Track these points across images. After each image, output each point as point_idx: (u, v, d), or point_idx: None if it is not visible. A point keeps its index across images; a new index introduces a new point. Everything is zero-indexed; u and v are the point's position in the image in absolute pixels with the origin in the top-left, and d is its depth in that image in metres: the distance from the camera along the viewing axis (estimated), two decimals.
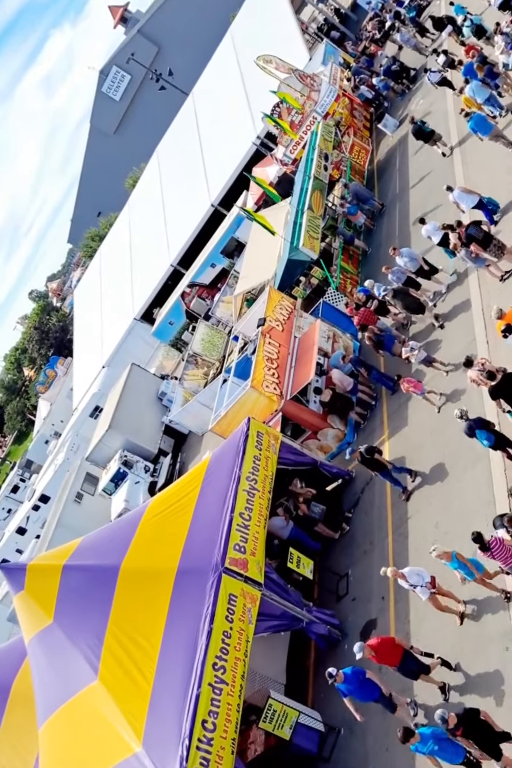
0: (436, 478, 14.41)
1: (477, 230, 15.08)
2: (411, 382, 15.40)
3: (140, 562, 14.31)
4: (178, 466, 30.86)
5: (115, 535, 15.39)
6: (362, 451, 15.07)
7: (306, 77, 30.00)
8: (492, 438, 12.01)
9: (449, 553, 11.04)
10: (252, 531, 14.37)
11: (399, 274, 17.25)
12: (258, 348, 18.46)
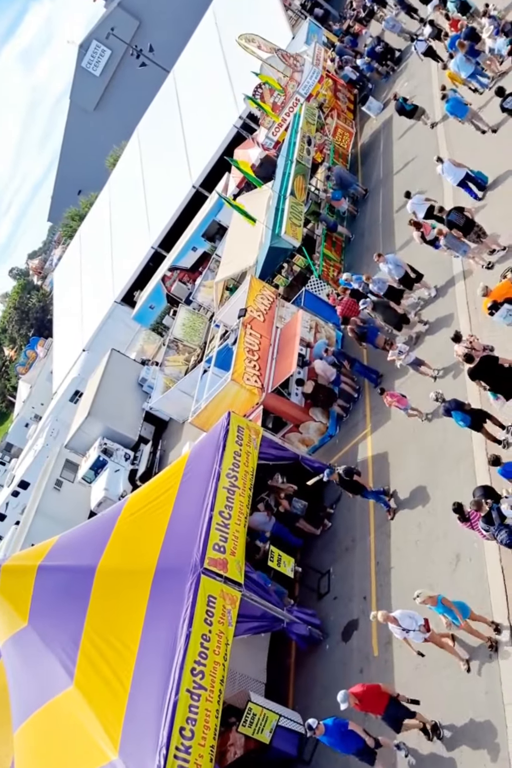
0: (419, 477, 14.18)
1: (459, 216, 15.00)
2: (394, 397, 14.88)
3: (117, 562, 13.98)
4: (159, 454, 30.51)
5: (92, 534, 15.03)
6: (340, 472, 14.59)
7: (289, 57, 29.35)
8: (468, 418, 12.18)
9: (434, 597, 10.43)
10: (232, 530, 14.08)
11: (380, 284, 16.54)
12: (239, 339, 18.07)
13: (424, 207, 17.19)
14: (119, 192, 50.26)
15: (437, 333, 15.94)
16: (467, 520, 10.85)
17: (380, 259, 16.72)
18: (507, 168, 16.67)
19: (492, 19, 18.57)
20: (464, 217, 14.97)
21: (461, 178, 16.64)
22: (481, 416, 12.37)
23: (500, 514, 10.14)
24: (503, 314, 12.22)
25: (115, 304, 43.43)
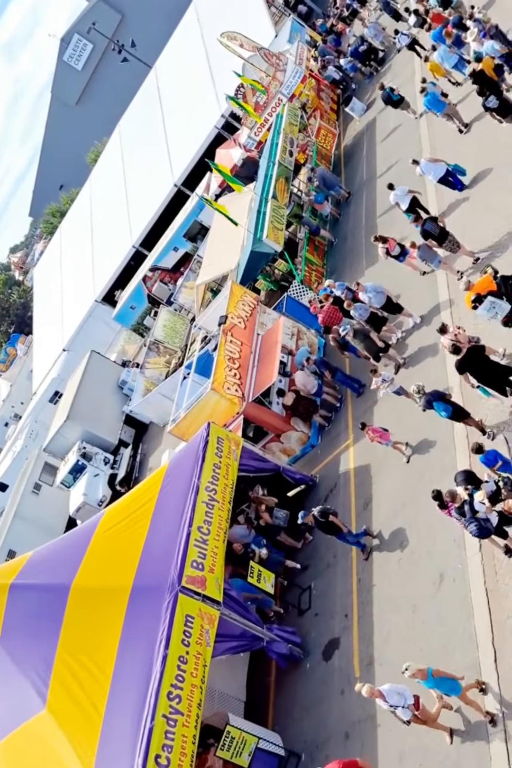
0: (402, 491, 13.90)
1: (434, 226, 15.09)
2: (376, 432, 14.29)
3: (92, 581, 13.57)
4: (139, 458, 30.07)
5: (66, 551, 14.60)
6: (315, 514, 13.84)
7: (272, 56, 28.98)
8: (450, 408, 12.18)
9: (424, 670, 9.75)
10: (210, 546, 13.72)
11: (362, 311, 15.90)
12: (220, 347, 17.70)
13: (407, 198, 17.31)
14: (100, 189, 49.63)
15: (423, 361, 15.41)
16: (445, 507, 10.88)
17: (359, 288, 16.06)
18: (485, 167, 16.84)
19: (477, 22, 18.29)
20: (439, 227, 15.08)
21: (441, 175, 16.79)
22: (462, 411, 12.42)
23: (472, 508, 10.16)
24: (486, 307, 12.22)
25: (95, 304, 42.83)
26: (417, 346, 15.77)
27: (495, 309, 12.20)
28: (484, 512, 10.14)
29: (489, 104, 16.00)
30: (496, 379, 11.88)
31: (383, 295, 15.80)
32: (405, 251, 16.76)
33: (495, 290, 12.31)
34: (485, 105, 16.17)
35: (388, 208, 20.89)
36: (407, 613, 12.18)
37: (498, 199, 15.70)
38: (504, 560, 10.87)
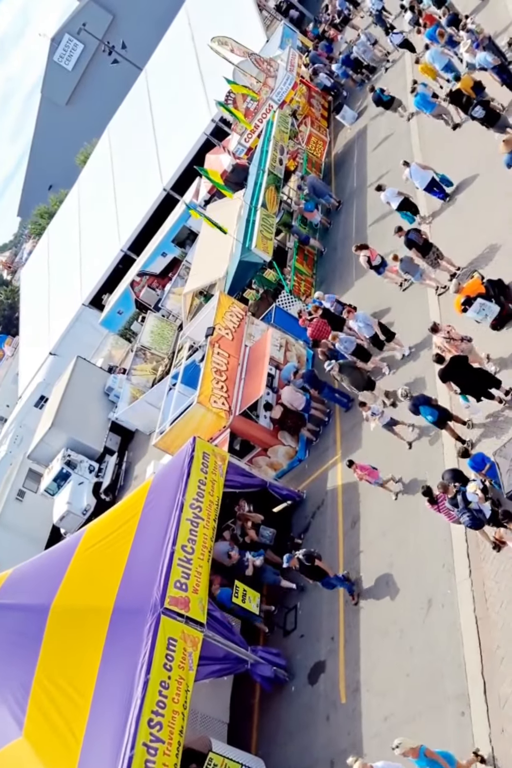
0: (391, 509, 13.61)
1: (418, 236, 15.09)
2: (364, 469, 13.68)
3: (73, 601, 13.24)
4: (125, 466, 29.66)
5: (46, 569, 14.24)
6: (301, 557, 13.25)
7: (263, 62, 28.72)
8: (436, 413, 12.29)
9: (416, 749, 9.13)
10: (194, 565, 13.42)
11: (348, 343, 15.53)
12: (207, 359, 17.38)
13: (398, 199, 17.49)
14: (89, 191, 49.20)
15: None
16: (435, 503, 11.06)
17: (350, 315, 15.69)
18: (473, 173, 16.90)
19: (470, 33, 18.08)
20: (422, 237, 15.08)
21: (427, 183, 16.96)
22: (447, 415, 12.54)
23: (464, 499, 10.28)
24: (476, 309, 12.43)
25: (82, 307, 42.43)
26: (407, 377, 15.05)
27: (485, 311, 12.46)
28: (477, 503, 10.25)
29: (476, 114, 15.93)
30: (477, 388, 12.06)
31: (372, 327, 15.37)
32: (385, 263, 16.85)
33: (484, 293, 12.56)
34: (471, 115, 16.11)
35: (379, 218, 20.74)
36: (394, 637, 11.92)
37: (485, 208, 15.74)
38: (495, 588, 10.64)
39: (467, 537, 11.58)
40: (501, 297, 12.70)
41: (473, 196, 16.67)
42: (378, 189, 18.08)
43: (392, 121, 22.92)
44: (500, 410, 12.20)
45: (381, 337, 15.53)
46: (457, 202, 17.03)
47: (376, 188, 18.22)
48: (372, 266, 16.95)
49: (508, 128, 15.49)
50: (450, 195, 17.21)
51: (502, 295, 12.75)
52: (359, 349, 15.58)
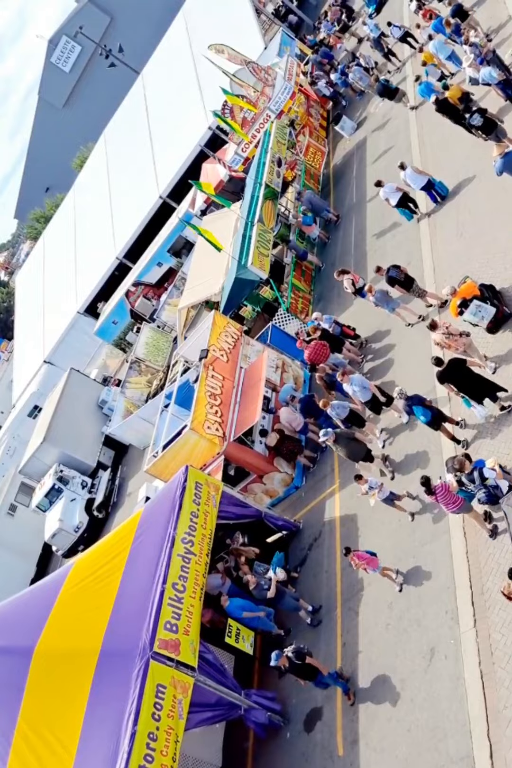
0: (391, 550, 13.01)
1: (398, 272, 15.16)
2: (362, 558, 12.51)
3: (58, 643, 12.64)
4: (118, 482, 29.05)
5: (31, 608, 13.63)
6: (290, 655, 12.04)
7: (260, 70, 28.11)
8: (429, 413, 12.30)
9: None
10: (186, 604, 12.84)
11: (339, 409, 14.43)
12: (200, 382, 16.79)
13: (397, 195, 17.76)
14: (84, 197, 48.53)
15: (412, 463, 13.84)
16: (432, 493, 10.91)
17: (344, 378, 14.33)
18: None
19: (474, 47, 17.54)
20: (403, 273, 15.13)
21: (423, 184, 17.23)
22: (441, 417, 12.56)
23: (481, 475, 10.23)
24: (472, 311, 12.52)
25: (78, 315, 41.82)
26: (409, 445, 14.12)
27: (481, 312, 12.56)
28: (494, 479, 10.17)
29: (474, 122, 15.83)
30: (475, 389, 12.04)
31: (368, 391, 14.20)
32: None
33: (480, 294, 12.72)
34: (469, 123, 16.00)
35: (379, 233, 20.21)
36: (395, 687, 11.34)
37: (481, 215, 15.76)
38: (501, 640, 10.07)
39: (471, 582, 11.04)
40: (494, 300, 12.89)
41: (469, 206, 16.46)
42: (377, 185, 18.34)
43: (392, 134, 22.47)
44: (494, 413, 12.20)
45: (382, 399, 14.22)
46: (454, 206, 16.99)
47: (375, 184, 18.48)
48: (356, 290, 17.01)
49: (504, 139, 15.48)
50: (444, 198, 17.46)
51: (495, 298, 12.95)
52: (353, 415, 14.44)
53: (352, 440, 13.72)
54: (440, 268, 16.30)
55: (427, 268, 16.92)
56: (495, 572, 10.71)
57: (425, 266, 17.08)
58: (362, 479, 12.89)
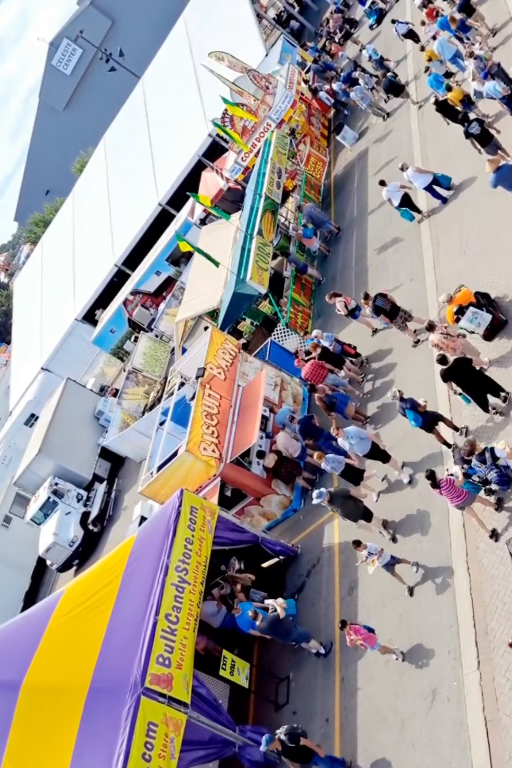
0: (393, 582, 12.55)
1: (384, 302, 15.10)
2: (359, 633, 11.51)
3: (46, 678, 12.21)
4: (114, 494, 28.60)
5: (19, 638, 13.20)
6: (283, 738, 10.96)
7: (261, 78, 27.71)
8: (420, 419, 12.39)
9: None
10: (179, 637, 12.42)
11: (335, 464, 13.62)
12: (197, 402, 16.37)
13: (399, 195, 17.81)
14: (83, 203, 48.15)
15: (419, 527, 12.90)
16: (437, 486, 10.90)
17: (339, 433, 13.42)
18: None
19: (478, 60, 17.14)
20: (389, 302, 15.08)
21: (427, 183, 17.24)
22: (435, 419, 12.63)
23: (493, 455, 10.36)
24: (469, 317, 12.65)
25: (75, 322, 41.43)
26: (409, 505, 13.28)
27: (478, 319, 12.68)
28: (505, 458, 10.32)
29: (472, 130, 15.73)
30: (478, 389, 12.12)
31: (367, 441, 13.28)
32: (359, 308, 16.78)
33: (476, 302, 12.88)
34: (467, 131, 15.86)
35: (380, 248, 19.81)
36: (395, 729, 10.92)
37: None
38: (506, 685, 9.66)
39: (475, 620, 10.62)
40: (490, 307, 13.02)
41: (473, 224, 16.12)
42: (380, 184, 18.41)
43: (394, 146, 22.07)
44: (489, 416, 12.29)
45: (382, 446, 13.37)
46: (457, 222, 16.69)
47: (379, 183, 18.57)
48: (349, 311, 16.91)
49: (500, 150, 15.28)
50: (448, 198, 17.43)
51: (491, 305, 13.10)
52: (349, 471, 13.62)
53: (348, 499, 12.89)
54: (443, 287, 15.84)
55: (430, 285, 16.55)
56: (499, 611, 10.31)
57: (427, 283, 16.72)
58: (361, 545, 12.02)
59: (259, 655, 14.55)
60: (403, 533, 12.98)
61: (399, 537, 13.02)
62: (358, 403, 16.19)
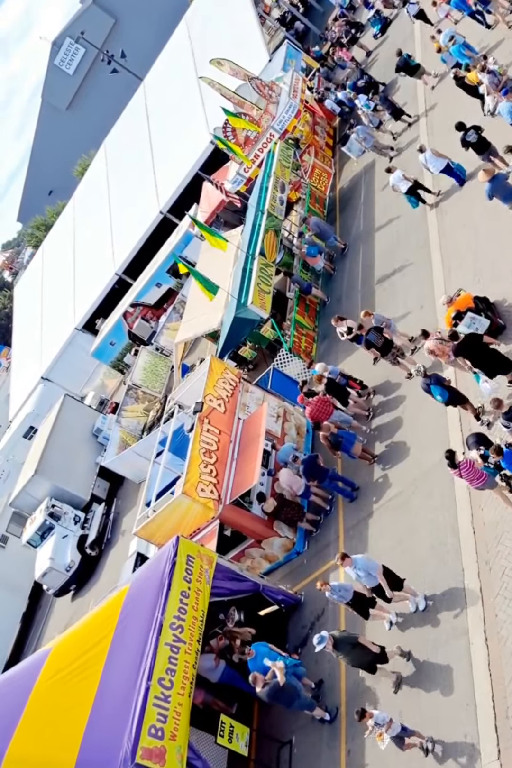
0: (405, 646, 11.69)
1: (377, 337, 14.88)
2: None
3: (30, 749, 11.40)
4: (112, 516, 27.77)
5: (2, 704, 12.37)
6: None
7: (264, 86, 26.79)
8: (446, 393, 12.28)
9: None
10: (173, 703, 11.56)
11: (342, 592, 12.02)
12: (194, 438, 15.49)
13: (406, 184, 17.85)
14: (84, 209, 47.32)
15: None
16: (456, 467, 10.81)
17: (345, 562, 11.81)
18: None
19: (492, 75, 16.21)
20: (383, 337, 14.83)
21: (443, 167, 16.96)
22: (461, 395, 12.56)
23: None
24: (467, 323, 12.61)
25: (75, 331, 40.67)
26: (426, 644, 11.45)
27: (475, 324, 12.62)
28: None
29: (469, 138, 15.66)
30: (489, 365, 12.02)
31: (375, 579, 11.54)
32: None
33: (474, 307, 12.89)
34: (464, 139, 15.81)
35: (388, 270, 18.87)
36: None
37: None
38: None
39: (494, 701, 9.72)
40: (488, 312, 12.98)
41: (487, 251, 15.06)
42: (387, 171, 18.56)
43: (402, 160, 21.04)
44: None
45: (389, 594, 11.64)
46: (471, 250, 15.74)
47: (386, 170, 18.73)
48: (352, 337, 16.26)
49: (495, 158, 15.15)
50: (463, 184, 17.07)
51: (489, 310, 13.09)
52: (358, 600, 12.02)
53: (356, 646, 11.17)
54: None
55: (440, 314, 15.60)
56: None
57: (437, 311, 15.77)
58: (366, 715, 10.30)
59: (260, 716, 13.68)
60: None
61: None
62: (365, 441, 15.31)
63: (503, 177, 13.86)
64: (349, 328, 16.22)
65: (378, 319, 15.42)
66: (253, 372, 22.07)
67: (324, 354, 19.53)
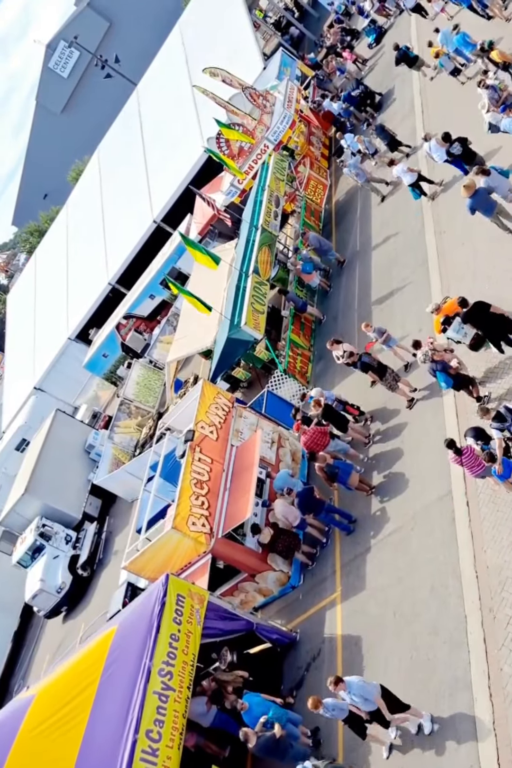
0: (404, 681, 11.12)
1: (370, 359, 14.93)
2: None
3: None
4: (104, 535, 27.17)
5: None
6: None
7: (258, 96, 26.29)
8: (450, 381, 12.50)
9: None
10: (162, 757, 10.99)
11: (336, 711, 10.74)
12: (185, 469, 14.90)
13: (411, 176, 17.85)
14: (77, 216, 46.76)
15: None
16: (460, 454, 10.91)
17: (338, 687, 10.46)
18: None
19: (492, 90, 15.66)
20: (376, 360, 14.93)
21: (447, 156, 16.57)
22: (465, 380, 12.67)
23: (509, 410, 10.48)
24: (455, 328, 12.70)
25: (69, 341, 40.11)
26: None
27: (464, 329, 12.66)
28: None
29: (453, 150, 15.84)
30: (495, 333, 12.20)
31: (373, 704, 10.30)
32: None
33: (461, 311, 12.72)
34: (448, 151, 16.00)
35: (385, 289, 18.33)
36: None
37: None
38: None
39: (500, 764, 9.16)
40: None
41: (488, 273, 14.48)
42: (390, 164, 18.81)
43: None
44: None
45: (388, 718, 10.41)
46: (471, 272, 15.21)
47: (388, 164, 18.97)
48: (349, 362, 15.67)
49: (483, 167, 14.49)
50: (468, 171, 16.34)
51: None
52: (352, 719, 10.70)
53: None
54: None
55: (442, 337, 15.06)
56: None
57: None
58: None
59: (253, 760, 13.08)
60: None
61: None
62: (362, 470, 14.76)
63: (483, 191, 13.63)
64: (345, 351, 15.68)
65: (378, 331, 15.14)
66: (246, 390, 21.57)
67: (320, 374, 19.00)
